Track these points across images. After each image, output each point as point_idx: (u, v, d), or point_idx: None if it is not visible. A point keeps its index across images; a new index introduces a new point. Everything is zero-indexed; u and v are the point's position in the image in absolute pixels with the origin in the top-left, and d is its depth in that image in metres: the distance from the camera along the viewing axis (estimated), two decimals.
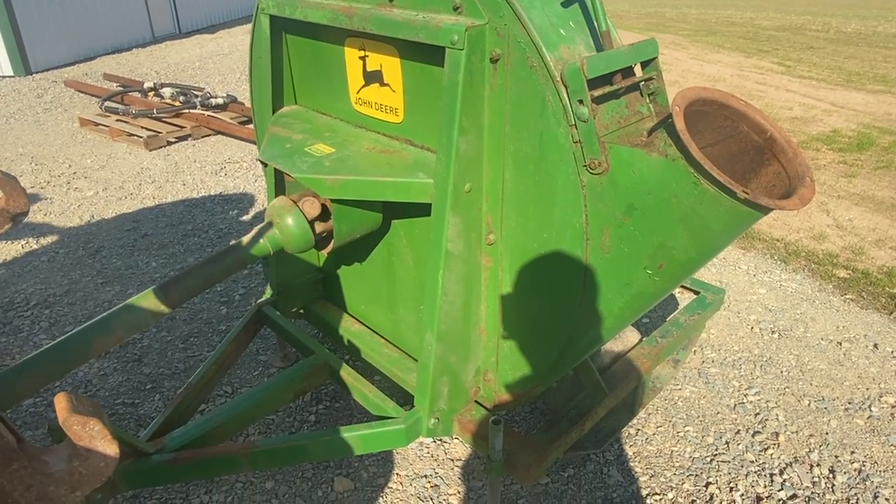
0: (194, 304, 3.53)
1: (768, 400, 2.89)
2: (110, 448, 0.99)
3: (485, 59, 1.61)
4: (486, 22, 1.58)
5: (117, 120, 6.68)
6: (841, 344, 3.31)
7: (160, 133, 6.26)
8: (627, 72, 1.64)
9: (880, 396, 2.94)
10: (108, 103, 7.10)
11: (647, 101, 1.70)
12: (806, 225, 4.80)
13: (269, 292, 2.69)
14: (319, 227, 2.02)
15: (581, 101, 1.47)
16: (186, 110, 6.75)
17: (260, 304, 2.58)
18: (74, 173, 5.58)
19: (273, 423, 2.70)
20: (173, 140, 6.36)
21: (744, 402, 2.87)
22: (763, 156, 1.51)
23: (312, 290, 2.72)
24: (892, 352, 3.27)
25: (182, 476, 1.92)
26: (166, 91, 7.21)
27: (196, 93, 7.14)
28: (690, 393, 2.93)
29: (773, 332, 3.40)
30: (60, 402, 1.03)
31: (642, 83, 1.67)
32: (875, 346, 3.31)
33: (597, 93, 1.50)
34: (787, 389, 2.97)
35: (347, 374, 2.23)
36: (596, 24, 1.58)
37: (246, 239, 1.89)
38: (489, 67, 1.63)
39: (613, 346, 2.50)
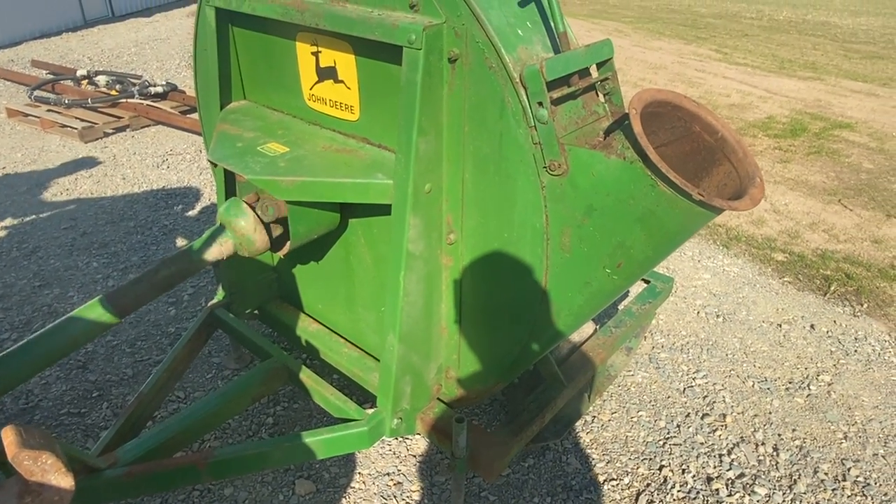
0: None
1: (715, 382, 3.01)
2: (65, 481, 0.94)
3: (443, 58, 1.59)
4: (443, 21, 1.57)
5: (48, 110, 6.33)
6: (781, 326, 3.48)
7: (96, 124, 5.97)
8: (584, 72, 1.66)
9: (818, 375, 3.10)
10: (37, 92, 6.71)
11: (603, 101, 1.72)
12: (746, 211, 4.99)
13: (221, 293, 2.61)
14: (276, 229, 1.97)
15: (540, 103, 1.48)
16: (124, 100, 6.45)
17: (212, 307, 2.51)
18: (3, 168, 5.27)
19: (230, 427, 2.65)
20: (110, 131, 6.08)
21: (693, 386, 2.99)
22: (714, 156, 1.55)
23: (267, 290, 2.66)
24: (827, 332, 3.45)
25: (138, 491, 1.86)
26: (101, 79, 6.88)
27: (133, 81, 6.83)
28: (642, 378, 3.02)
29: (717, 315, 3.53)
30: (8, 437, 0.97)
31: (598, 83, 1.69)
32: (812, 326, 3.49)
33: (556, 94, 1.51)
34: (732, 372, 3.10)
35: (307, 376, 2.20)
36: (553, 24, 1.59)
37: (198, 243, 1.83)
38: (447, 67, 1.61)
39: (570, 337, 2.55)
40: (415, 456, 2.56)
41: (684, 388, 2.97)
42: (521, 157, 1.58)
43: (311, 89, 2.05)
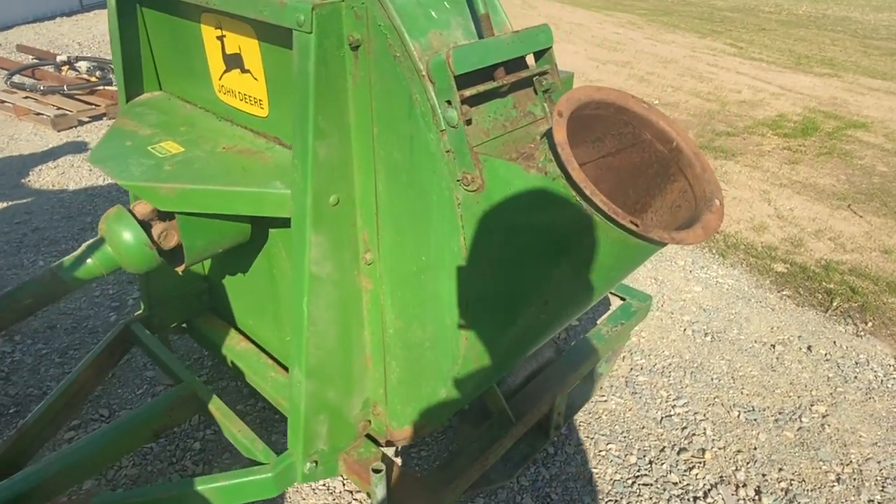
0: (80, 311, 3.17)
1: (696, 412, 2.72)
2: None
3: (342, 44, 1.31)
4: None
5: (25, 97, 6.11)
6: (774, 347, 3.17)
7: (70, 112, 5.74)
8: (516, 64, 1.37)
9: (811, 405, 2.80)
10: (15, 78, 6.49)
11: (542, 99, 1.43)
12: (746, 215, 4.67)
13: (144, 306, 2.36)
14: (171, 240, 1.71)
15: (449, 102, 1.20)
16: (102, 87, 6.22)
17: (128, 321, 2.25)
18: None
19: (151, 452, 2.40)
20: (86, 119, 5.85)
21: (671, 415, 2.70)
22: (668, 169, 1.27)
23: (196, 302, 2.40)
24: (825, 354, 3.14)
25: None
26: (82, 65, 6.64)
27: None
28: (616, 405, 2.74)
29: (706, 334, 3.23)
30: None
31: (535, 78, 1.40)
32: (809, 348, 3.18)
33: (469, 92, 1.22)
34: (716, 399, 2.80)
35: (216, 408, 1.94)
36: (474, 3, 1.30)
37: (69, 259, 1.57)
38: (349, 55, 1.33)
39: (527, 362, 2.27)
40: (351, 492, 2.30)
41: (661, 418, 2.68)
42: (432, 166, 1.30)
43: (220, 80, 1.78)
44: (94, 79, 6.40)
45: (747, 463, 2.49)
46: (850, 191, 5.28)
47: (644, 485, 2.37)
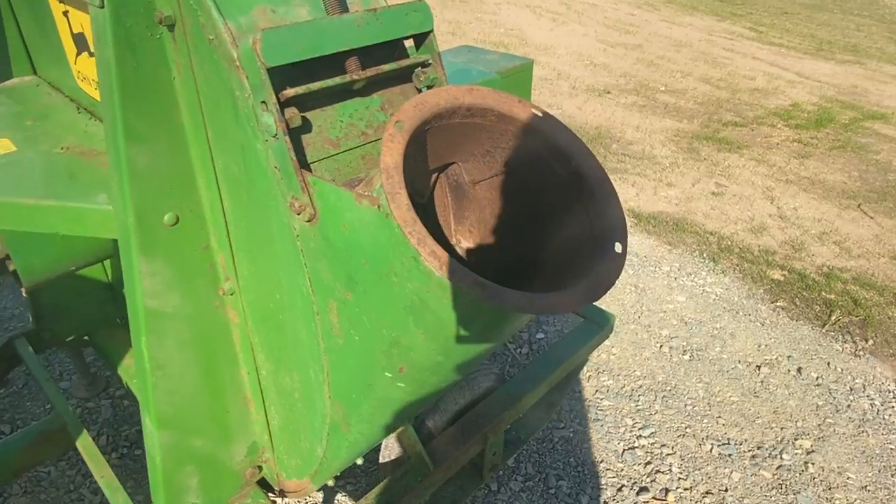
0: None
1: (664, 444, 2.43)
2: None
3: (150, 23, 1.01)
4: None
5: None
6: (760, 368, 2.86)
7: None
8: (385, 53, 1.06)
9: (795, 439, 2.50)
10: None
11: None
12: (746, 215, 4.32)
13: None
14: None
15: (265, 104, 0.90)
16: None
17: (13, 336, 2.00)
18: None
19: (46, 478, 2.16)
20: None
21: (634, 447, 2.41)
22: (566, 197, 0.97)
23: (96, 312, 2.15)
24: (816, 378, 2.82)
25: None
26: None
27: None
28: (573, 433, 2.45)
29: (684, 351, 2.93)
30: None
31: (416, 73, 1.09)
32: (798, 370, 2.86)
33: (292, 91, 0.92)
34: (688, 430, 2.51)
35: (85, 447, 1.69)
36: None
37: None
38: (167, 36, 1.04)
39: (460, 392, 1.99)
40: None
41: (623, 450, 2.39)
42: (266, 185, 1.01)
43: (75, 63, 1.50)
44: None
45: None
46: (861, 189, 4.89)
47: None
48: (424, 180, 1.11)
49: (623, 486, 2.26)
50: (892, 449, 2.49)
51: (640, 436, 2.46)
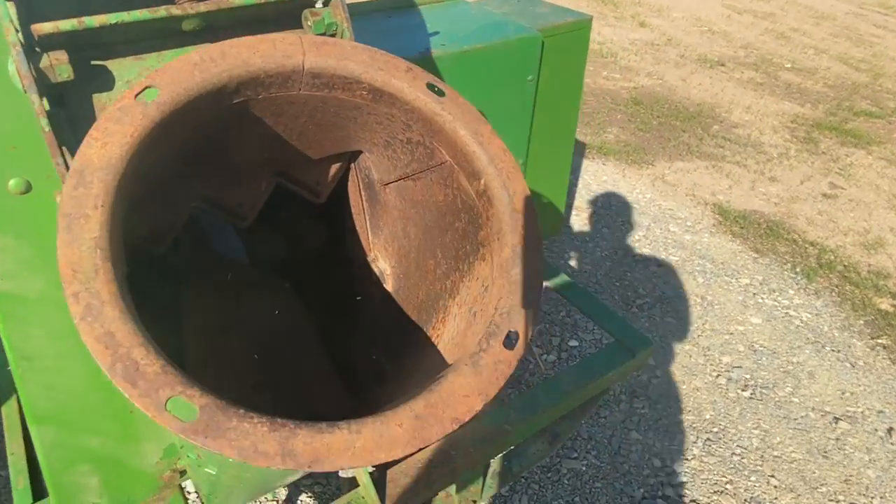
0: None
1: (695, 500, 2.03)
2: None
3: None
4: None
5: None
6: (838, 421, 2.35)
7: None
8: None
9: None
10: None
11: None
12: (860, 225, 3.63)
13: None
14: None
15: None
16: None
17: None
18: None
19: None
20: None
21: (657, 497, 2.03)
22: (478, 231, 0.62)
23: None
24: None
25: None
26: None
27: None
28: (586, 466, 2.10)
29: (745, 386, 2.46)
30: None
31: (304, 13, 0.75)
32: (889, 431, 2.33)
33: (50, 26, 0.62)
34: (728, 486, 2.08)
35: (8, 415, 1.55)
36: None
37: None
38: None
39: None
40: None
41: (642, 498, 2.02)
42: None
43: None
44: None
45: None
46: None
47: None
48: (316, 172, 0.79)
49: None
50: None
51: (668, 483, 2.07)
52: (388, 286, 0.89)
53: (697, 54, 6.00)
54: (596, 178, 3.75)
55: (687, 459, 2.15)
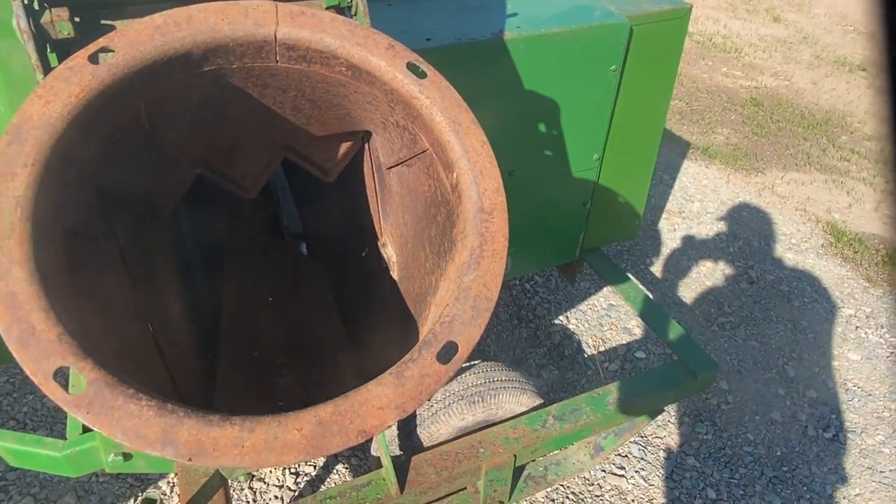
0: None
1: None
2: None
3: None
4: None
5: None
6: None
7: None
8: None
9: None
10: None
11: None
12: None
13: None
14: None
15: None
16: None
17: None
18: None
19: None
20: None
21: None
22: (453, 226, 0.57)
23: None
24: None
25: None
26: None
27: None
28: (633, 486, 1.98)
29: (827, 427, 2.22)
30: None
31: None
32: None
33: None
34: None
35: None
36: None
37: None
38: None
39: (472, 407, 1.64)
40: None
41: None
42: None
43: None
44: None
45: None
46: None
47: None
48: (324, 149, 0.77)
49: None
50: None
51: None
52: (395, 274, 0.85)
53: (836, 56, 5.44)
54: (695, 181, 3.50)
55: (747, 496, 1.98)
